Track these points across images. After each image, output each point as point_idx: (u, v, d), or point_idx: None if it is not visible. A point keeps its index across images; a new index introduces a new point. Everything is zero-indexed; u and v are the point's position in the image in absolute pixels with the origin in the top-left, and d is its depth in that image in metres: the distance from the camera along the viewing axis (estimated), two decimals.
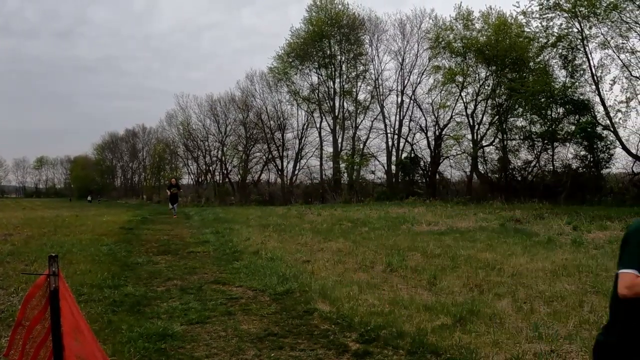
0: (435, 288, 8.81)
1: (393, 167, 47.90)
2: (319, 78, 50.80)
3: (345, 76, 50.51)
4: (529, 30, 35.21)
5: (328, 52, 49.75)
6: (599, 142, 33.72)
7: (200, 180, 66.58)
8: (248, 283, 9.34)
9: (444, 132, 44.47)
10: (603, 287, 8.41)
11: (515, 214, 22.93)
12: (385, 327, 6.45)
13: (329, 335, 6.30)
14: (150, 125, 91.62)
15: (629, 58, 31.05)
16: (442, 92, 43.65)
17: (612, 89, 35.52)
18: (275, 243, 14.88)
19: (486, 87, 41.09)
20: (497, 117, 40.52)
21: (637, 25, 29.65)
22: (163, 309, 7.54)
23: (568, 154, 36.72)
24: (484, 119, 41.97)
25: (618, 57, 31.35)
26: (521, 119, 39.93)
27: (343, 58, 50.34)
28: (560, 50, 34.17)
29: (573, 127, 34.84)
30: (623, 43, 30.88)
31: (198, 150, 65.17)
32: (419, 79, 46.21)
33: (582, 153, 35.28)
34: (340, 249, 13.51)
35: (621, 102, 31.79)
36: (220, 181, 63.02)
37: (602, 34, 31.29)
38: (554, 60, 35.48)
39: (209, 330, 6.52)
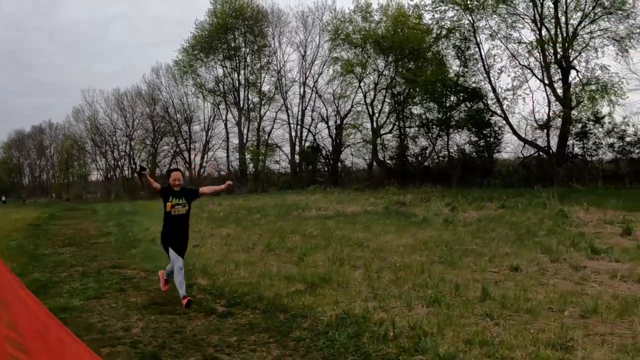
0: (303, 263, 10.33)
1: (297, 156, 49.36)
2: (224, 70, 51.62)
3: (249, 68, 51.49)
4: (424, 22, 37.42)
5: (233, 44, 50.50)
6: (488, 128, 36.40)
7: (109, 175, 66.18)
8: (142, 266, 10.67)
9: (344, 121, 46.30)
10: (449, 257, 10.06)
11: (404, 198, 24.57)
12: (249, 294, 7.94)
13: (202, 303, 7.73)
14: (57, 121, 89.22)
15: (516, 48, 33.98)
16: (342, 82, 45.47)
17: (499, 77, 38.19)
18: None
19: (385, 77, 42.86)
20: (395, 105, 42.53)
21: (526, 16, 32.30)
22: (65, 290, 8.78)
23: (461, 140, 39.25)
24: (384, 107, 43.92)
25: (506, 47, 34.13)
26: (418, 107, 42.07)
27: (247, 50, 51.22)
28: (453, 41, 36.59)
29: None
30: (510, 34, 33.70)
31: (106, 145, 64.71)
32: (320, 70, 47.99)
33: (474, 139, 37.85)
34: (229, 234, 14.96)
35: (507, 90, 34.75)
36: (130, 176, 62.91)
37: (490, 26, 33.98)
38: (448, 51, 37.99)
39: (102, 304, 7.84)
